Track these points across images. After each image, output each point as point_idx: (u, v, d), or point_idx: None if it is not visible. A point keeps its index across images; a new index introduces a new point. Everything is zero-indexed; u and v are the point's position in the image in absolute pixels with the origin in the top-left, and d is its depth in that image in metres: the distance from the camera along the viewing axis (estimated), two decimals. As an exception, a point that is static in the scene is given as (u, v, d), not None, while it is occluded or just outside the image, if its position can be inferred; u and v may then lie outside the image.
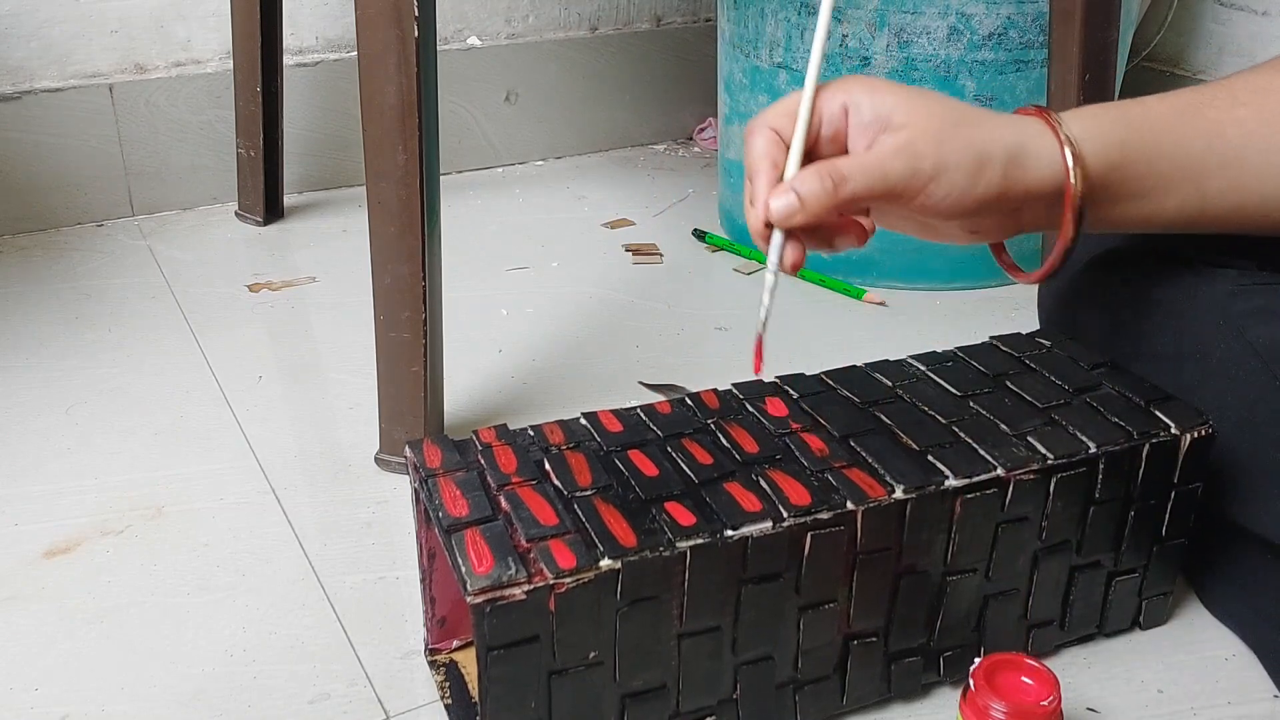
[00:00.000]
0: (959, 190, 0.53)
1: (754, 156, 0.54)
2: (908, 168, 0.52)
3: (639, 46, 1.47)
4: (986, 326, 0.70)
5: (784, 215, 0.52)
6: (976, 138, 0.53)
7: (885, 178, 0.52)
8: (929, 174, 0.52)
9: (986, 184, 0.53)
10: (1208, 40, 1.36)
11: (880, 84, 0.54)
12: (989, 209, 0.54)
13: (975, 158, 0.53)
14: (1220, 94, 0.59)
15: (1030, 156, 0.54)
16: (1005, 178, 0.53)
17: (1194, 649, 0.64)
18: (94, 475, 0.79)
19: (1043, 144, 0.55)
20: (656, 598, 0.50)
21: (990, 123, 0.55)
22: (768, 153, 0.54)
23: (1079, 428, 0.58)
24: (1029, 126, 0.55)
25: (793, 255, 0.53)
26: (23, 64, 1.17)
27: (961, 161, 0.53)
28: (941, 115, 0.54)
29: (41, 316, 1.02)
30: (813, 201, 0.52)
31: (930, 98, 0.55)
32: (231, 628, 0.65)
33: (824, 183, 0.52)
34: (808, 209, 0.52)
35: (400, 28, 0.68)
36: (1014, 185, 0.54)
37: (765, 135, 0.54)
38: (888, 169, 0.52)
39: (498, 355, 0.97)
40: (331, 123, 1.32)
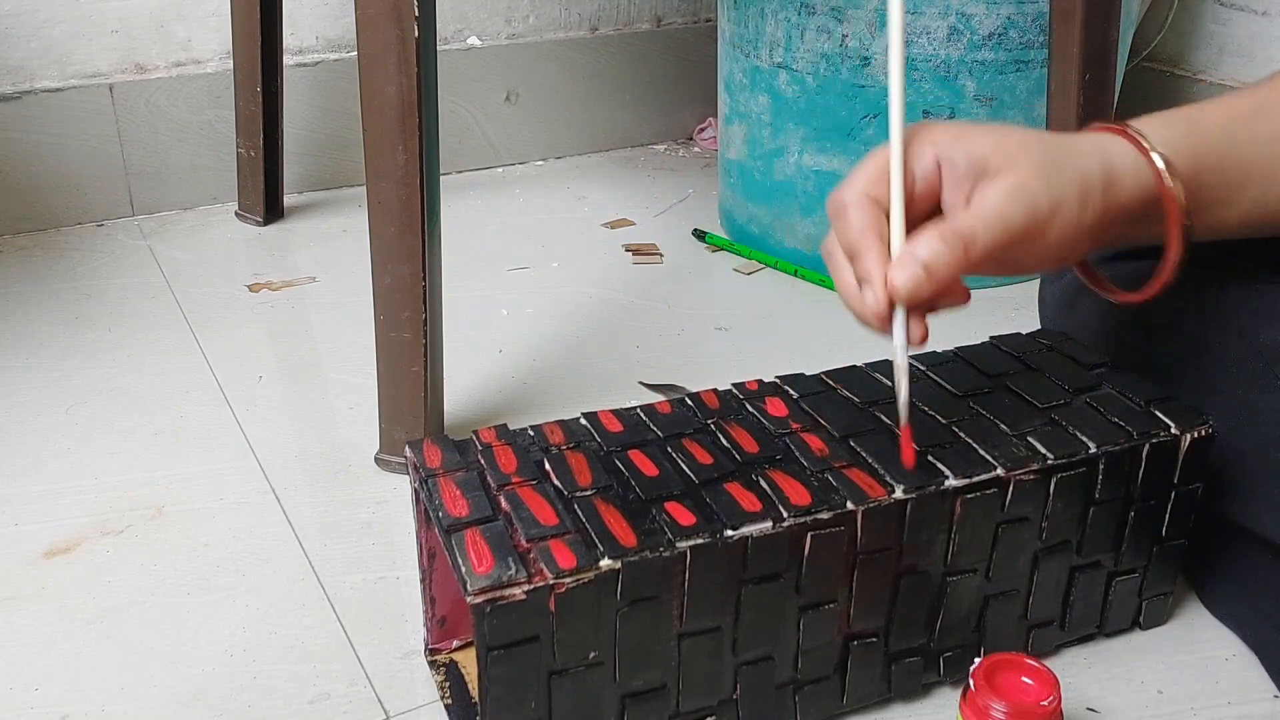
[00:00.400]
0: (1074, 223, 0.51)
1: (859, 230, 0.51)
2: (1027, 210, 0.50)
3: (639, 46, 1.47)
4: (986, 326, 0.70)
5: (912, 288, 0.49)
6: (1075, 165, 0.52)
7: (1008, 226, 0.50)
8: (1047, 213, 0.50)
9: (1094, 211, 0.52)
10: (1208, 40, 1.36)
11: (964, 128, 0.52)
12: (1091, 236, 0.53)
13: (1080, 185, 0.51)
14: (1276, 97, 0.57)
15: (1119, 175, 0.52)
16: (1105, 200, 0.52)
17: (1194, 649, 0.64)
18: (94, 475, 0.79)
19: (1128, 160, 0.53)
20: (656, 598, 0.50)
21: (1078, 147, 0.53)
22: (872, 226, 0.51)
23: (1079, 428, 0.58)
24: (1111, 144, 0.54)
25: (920, 330, 0.51)
26: (23, 64, 1.17)
27: (1071, 192, 0.51)
28: (1038, 150, 0.52)
29: (41, 316, 1.03)
30: (942, 269, 0.49)
31: (1019, 134, 0.53)
32: (231, 628, 0.65)
33: (951, 246, 0.49)
34: (936, 277, 0.49)
35: (400, 28, 0.68)
36: (1111, 206, 0.52)
37: (867, 207, 0.51)
38: (1008, 216, 0.50)
39: (498, 355, 0.97)
40: (331, 123, 1.32)
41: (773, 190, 1.13)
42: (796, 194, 1.10)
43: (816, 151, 1.07)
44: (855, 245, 0.51)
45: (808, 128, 1.07)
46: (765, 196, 1.14)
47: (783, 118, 1.08)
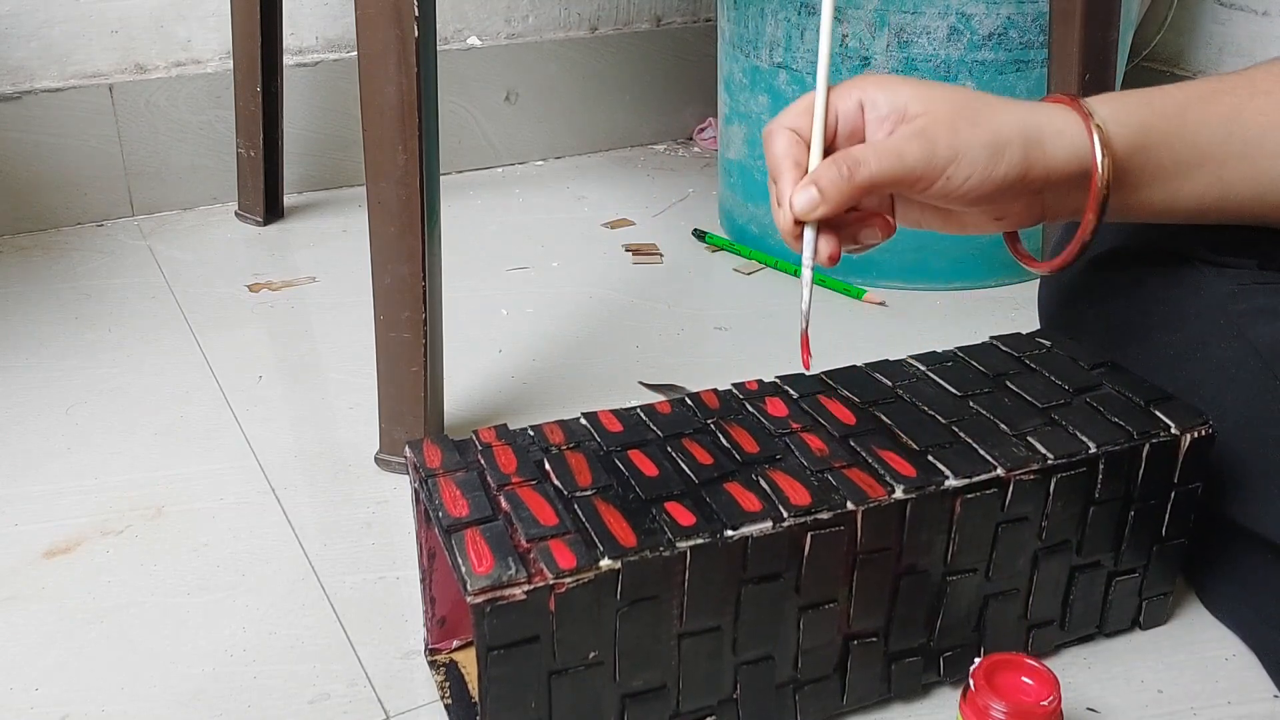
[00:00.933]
0: (979, 173, 0.53)
1: (776, 157, 0.55)
2: (924, 151, 0.53)
3: (639, 46, 1.47)
4: (986, 326, 0.70)
5: (807, 208, 0.53)
6: (994, 121, 0.54)
7: (902, 160, 0.53)
8: (946, 157, 0.53)
9: (1008, 165, 0.53)
10: (1208, 40, 1.36)
11: (894, 79, 0.55)
12: (1011, 192, 0.55)
13: (992, 139, 0.53)
14: (1240, 83, 0.59)
15: (1050, 138, 0.54)
16: (1026, 159, 0.54)
17: (1194, 649, 0.64)
18: (94, 475, 0.79)
19: (1066, 126, 0.55)
20: (656, 598, 0.50)
21: (1008, 107, 0.55)
22: (789, 152, 0.55)
23: (1079, 428, 0.58)
24: (1050, 110, 0.55)
25: (828, 248, 0.54)
26: (23, 64, 1.17)
27: (978, 143, 0.53)
28: (958, 102, 0.54)
29: (41, 316, 1.03)
30: (832, 190, 0.52)
31: (946, 88, 0.55)
32: (231, 628, 0.65)
33: (840, 170, 0.52)
34: (828, 198, 0.52)
35: (400, 28, 0.68)
36: (1035, 166, 0.54)
37: (785, 136, 0.55)
38: (904, 152, 0.53)
39: (498, 355, 0.97)
40: (331, 123, 1.32)
41: (773, 190, 1.13)
42: (796, 194, 1.10)
43: (816, 151, 1.07)
44: (774, 169, 0.55)
45: (808, 128, 1.07)
46: (765, 196, 1.14)
47: (783, 118, 1.08)
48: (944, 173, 0.53)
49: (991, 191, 0.54)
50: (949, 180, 0.53)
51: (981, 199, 0.54)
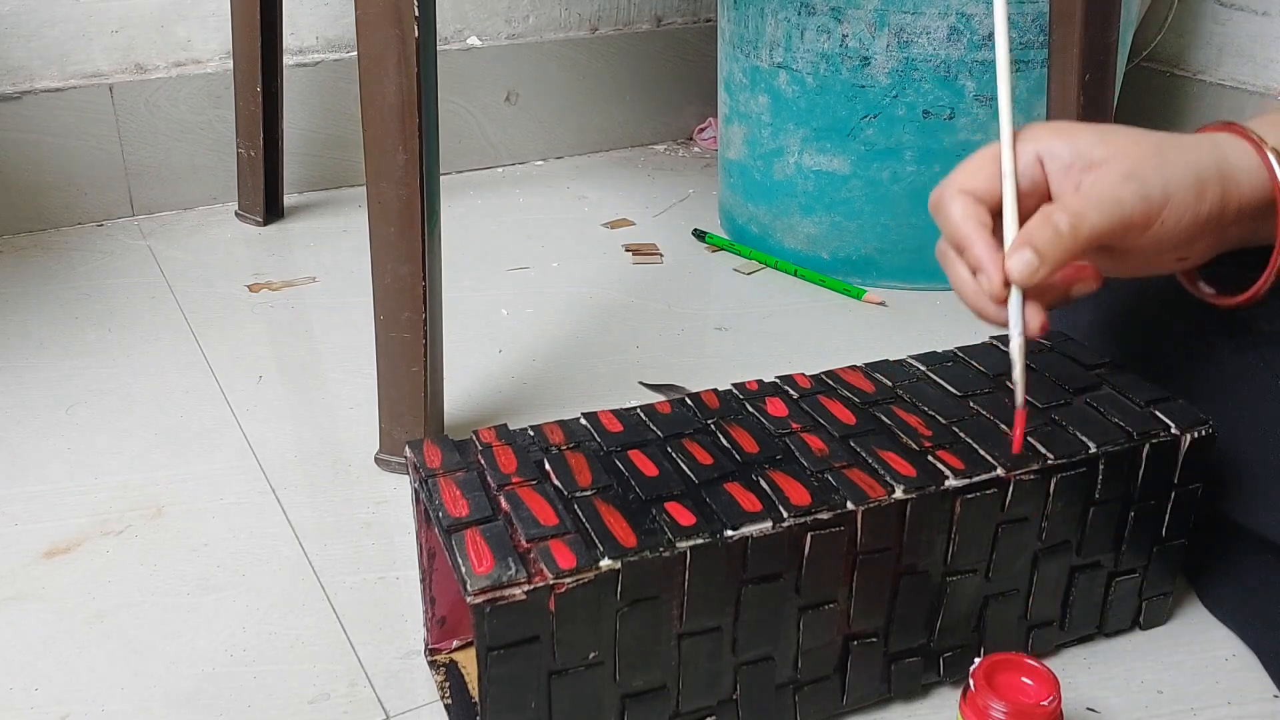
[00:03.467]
0: (1189, 213, 0.51)
1: (957, 223, 0.52)
2: (1139, 194, 0.50)
3: (639, 46, 1.47)
4: (986, 326, 0.70)
5: (1027, 272, 0.50)
6: (1189, 158, 0.52)
7: (1121, 208, 0.50)
8: (1160, 199, 0.50)
9: (1211, 203, 0.51)
10: (1208, 40, 1.36)
11: (1065, 125, 0.53)
12: (1209, 230, 0.53)
13: (1196, 177, 0.51)
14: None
15: (1236, 170, 0.52)
16: (1224, 195, 0.52)
17: (1194, 649, 0.64)
18: (94, 475, 0.79)
19: (1244, 157, 0.53)
20: (656, 598, 0.50)
21: (1192, 143, 0.53)
22: (972, 215, 0.52)
23: (1079, 428, 0.58)
24: (1226, 141, 0.53)
25: (1038, 318, 0.51)
26: (23, 64, 1.17)
27: (1185, 182, 0.51)
28: (1147, 141, 0.52)
29: (41, 316, 1.03)
30: (1051, 250, 0.49)
31: (1124, 129, 0.53)
32: (231, 628, 0.65)
33: (1059, 227, 0.49)
34: (1049, 260, 0.50)
35: (400, 28, 0.68)
36: (1231, 201, 0.52)
37: (963, 199, 0.52)
38: (1121, 198, 0.50)
39: (498, 355, 0.97)
40: (331, 123, 1.32)
41: (772, 190, 1.13)
42: (796, 194, 1.10)
43: (816, 151, 1.07)
44: (960, 237, 0.52)
45: (808, 128, 1.07)
46: (765, 196, 1.14)
47: (783, 118, 1.08)
48: (1159, 216, 0.51)
49: (1196, 231, 0.52)
50: (1163, 224, 0.51)
51: (1184, 240, 0.52)
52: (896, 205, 1.07)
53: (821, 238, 1.11)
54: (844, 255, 1.11)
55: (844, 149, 1.06)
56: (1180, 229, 0.51)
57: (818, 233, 1.11)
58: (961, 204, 0.52)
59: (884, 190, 1.06)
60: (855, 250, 1.10)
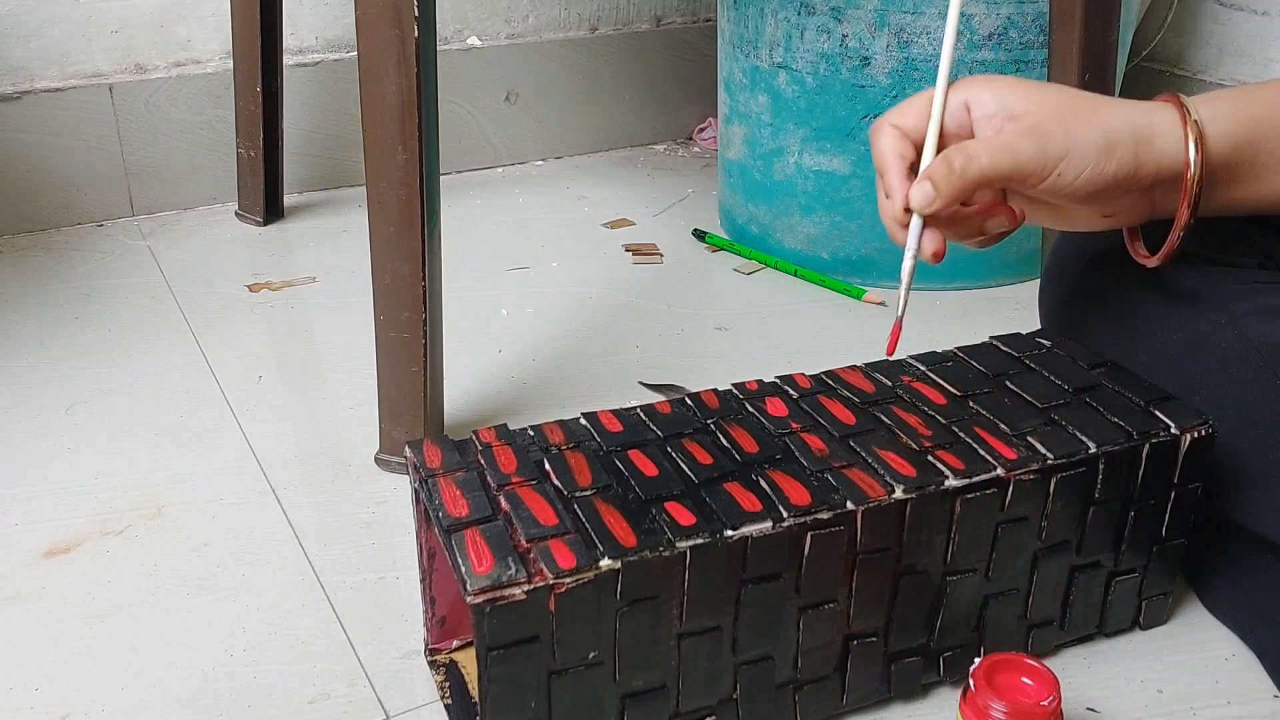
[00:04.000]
0: (1090, 169, 0.54)
1: (882, 152, 0.57)
2: (1036, 147, 0.54)
3: (639, 46, 1.47)
4: (986, 326, 0.70)
5: (922, 201, 0.55)
6: (1104, 119, 0.55)
7: (1014, 156, 0.54)
8: (1058, 154, 0.54)
9: (1119, 163, 0.55)
10: (1208, 40, 1.36)
11: (1001, 79, 0.57)
12: (1122, 190, 0.56)
13: (1104, 137, 0.54)
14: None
15: (1159, 136, 0.55)
16: (1136, 156, 0.55)
17: (1194, 649, 0.64)
18: (94, 475, 0.79)
19: (1172, 126, 0.56)
20: (656, 598, 0.50)
21: (1118, 106, 0.56)
22: (894, 147, 0.57)
23: (1079, 428, 0.58)
24: (1158, 109, 0.56)
25: (933, 243, 0.56)
26: (23, 64, 1.17)
27: (1090, 140, 0.54)
28: (1067, 100, 0.56)
29: (41, 316, 1.03)
30: (945, 184, 0.54)
31: (1054, 88, 0.57)
32: (231, 628, 0.65)
33: (953, 164, 0.54)
34: (942, 192, 0.54)
35: (400, 28, 0.68)
36: (1145, 164, 0.55)
37: (890, 132, 0.57)
38: (1016, 148, 0.54)
39: (498, 355, 0.97)
40: (331, 123, 1.32)
41: (773, 190, 1.13)
42: (796, 194, 1.10)
43: (816, 151, 1.07)
44: (880, 164, 0.57)
45: (807, 128, 1.07)
46: (765, 196, 1.14)
47: (783, 118, 1.08)
48: (1055, 169, 0.54)
49: (1102, 188, 0.55)
50: (1060, 176, 0.54)
51: (1092, 196, 0.56)
52: (896, 205, 1.06)
53: (821, 238, 1.11)
54: (844, 255, 1.11)
55: (844, 149, 1.06)
56: (1083, 182, 0.55)
57: (818, 233, 1.11)
58: (889, 136, 0.57)
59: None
60: (855, 250, 1.10)
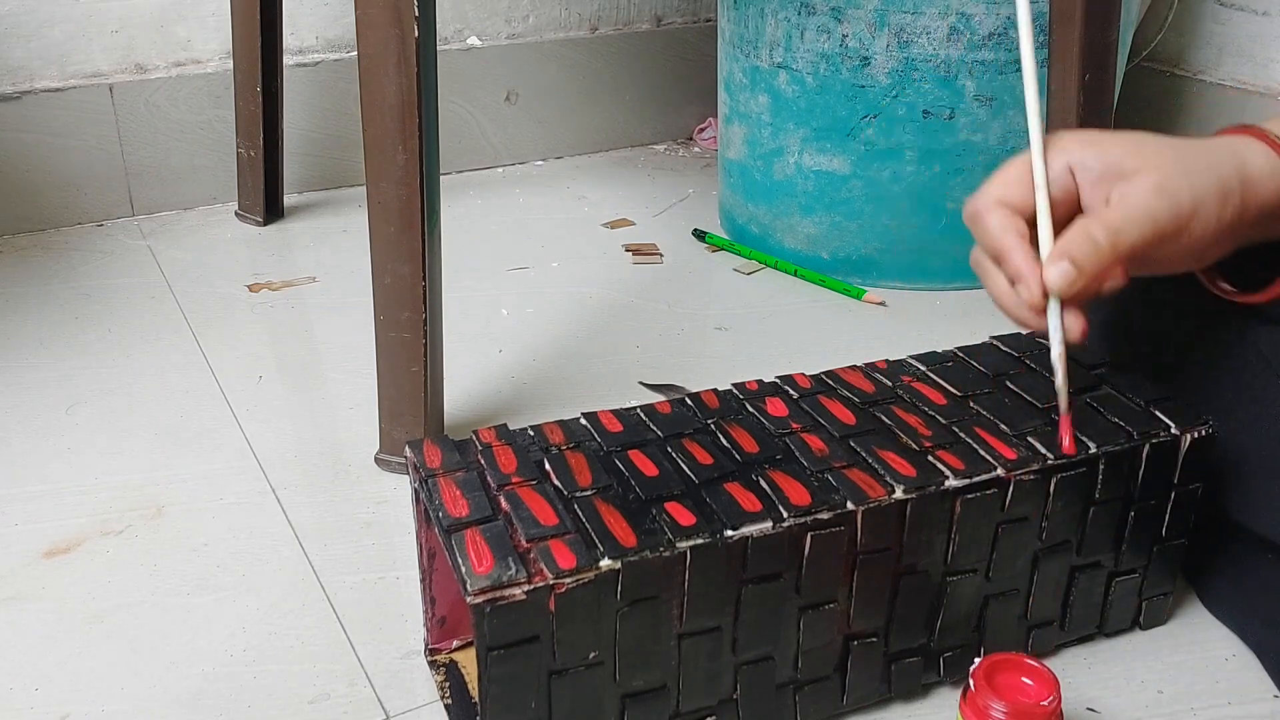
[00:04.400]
0: (1214, 220, 0.53)
1: (996, 234, 0.53)
2: (1171, 206, 0.52)
3: (639, 46, 1.47)
4: (986, 326, 0.70)
5: (1065, 283, 0.51)
6: (1211, 165, 0.53)
7: (1155, 221, 0.52)
8: (1189, 210, 0.52)
9: (1233, 209, 0.53)
10: (1208, 40, 1.36)
11: (1095, 135, 0.54)
12: (1231, 234, 0.54)
13: (1219, 184, 0.53)
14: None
15: (1255, 173, 0.54)
16: (1244, 199, 0.53)
17: (1194, 649, 0.64)
18: (94, 475, 0.79)
19: (1263, 159, 0.54)
20: (656, 598, 0.50)
21: (1214, 148, 0.54)
22: (1011, 226, 0.53)
23: (1079, 428, 0.58)
24: (1245, 145, 0.55)
25: (1079, 323, 0.53)
26: (23, 64, 1.17)
27: (1211, 190, 0.52)
28: (1174, 150, 0.53)
29: (41, 316, 1.03)
30: (1090, 263, 0.51)
31: (1151, 138, 0.54)
32: (231, 628, 0.65)
33: (1098, 241, 0.51)
34: (1086, 272, 0.51)
35: (400, 28, 0.68)
36: (1250, 205, 0.54)
37: (1000, 211, 0.54)
38: (1154, 212, 0.52)
39: (498, 355, 0.97)
40: (331, 123, 1.32)
41: (773, 190, 1.13)
42: (796, 194, 1.10)
43: (816, 151, 1.07)
44: (999, 247, 0.53)
45: (808, 128, 1.07)
46: (765, 196, 1.14)
47: (783, 118, 1.08)
48: (1188, 226, 0.52)
49: (1220, 236, 0.53)
50: (1190, 233, 0.52)
51: (1211, 245, 0.54)
52: (896, 205, 1.07)
53: (821, 238, 1.11)
54: (844, 255, 1.11)
55: (844, 149, 1.06)
56: (1207, 236, 0.53)
57: (818, 233, 1.11)
58: (999, 215, 0.53)
59: (884, 190, 1.06)
60: (855, 250, 1.10)
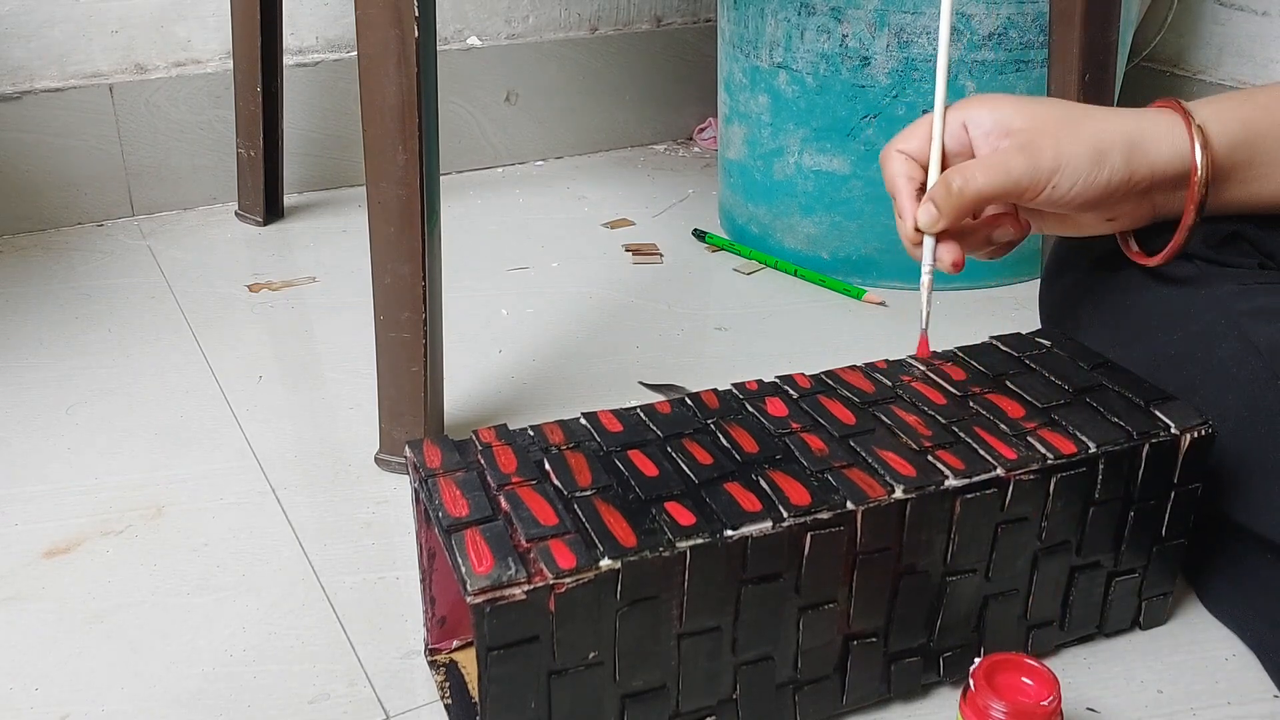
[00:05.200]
0: (1083, 180, 0.57)
1: (891, 176, 0.62)
2: (1028, 163, 0.57)
3: (639, 46, 1.47)
4: (986, 326, 0.70)
5: (928, 221, 0.60)
6: (1094, 129, 0.57)
7: (1008, 174, 0.57)
8: (1050, 167, 0.56)
9: (1111, 170, 0.57)
10: (1208, 40, 1.36)
11: (997, 97, 0.60)
12: (1119, 196, 0.58)
13: (1093, 147, 0.56)
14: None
15: (1151, 141, 0.57)
16: (1129, 163, 0.57)
17: (1194, 649, 0.64)
18: (94, 475, 0.79)
19: (1166, 129, 0.58)
20: (656, 598, 0.50)
21: (1108, 115, 0.58)
22: (902, 170, 0.62)
23: (1079, 428, 0.58)
24: (1151, 115, 0.58)
25: (951, 254, 0.61)
26: (23, 64, 1.17)
27: (1080, 151, 0.56)
28: (1059, 114, 0.58)
29: (41, 316, 1.03)
30: (945, 205, 0.59)
31: (1047, 102, 0.59)
32: (231, 628, 0.65)
33: (951, 186, 0.58)
34: (945, 212, 0.59)
35: (400, 28, 0.68)
36: (1139, 170, 0.57)
37: (897, 158, 0.62)
38: (1009, 166, 0.57)
39: (498, 355, 0.97)
40: (331, 123, 1.32)
41: (773, 190, 1.13)
42: (796, 194, 1.10)
43: (816, 151, 1.07)
44: (891, 188, 0.63)
45: (808, 128, 1.07)
46: (765, 196, 1.14)
47: (783, 118, 1.08)
48: (1049, 182, 0.57)
49: (1098, 196, 0.57)
50: (1055, 189, 0.57)
51: (1089, 204, 0.58)
52: (896, 205, 1.07)
53: (821, 238, 1.11)
54: (844, 255, 1.11)
55: (844, 149, 1.06)
56: (1077, 193, 0.58)
57: (818, 233, 1.11)
58: (896, 161, 0.62)
59: (884, 191, 1.06)
60: (855, 250, 1.10)
